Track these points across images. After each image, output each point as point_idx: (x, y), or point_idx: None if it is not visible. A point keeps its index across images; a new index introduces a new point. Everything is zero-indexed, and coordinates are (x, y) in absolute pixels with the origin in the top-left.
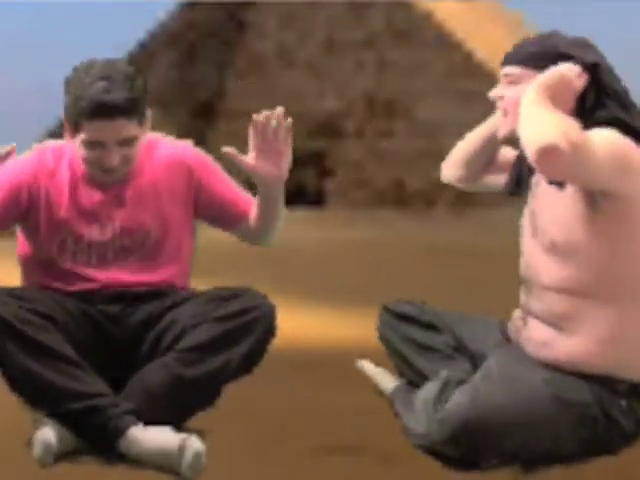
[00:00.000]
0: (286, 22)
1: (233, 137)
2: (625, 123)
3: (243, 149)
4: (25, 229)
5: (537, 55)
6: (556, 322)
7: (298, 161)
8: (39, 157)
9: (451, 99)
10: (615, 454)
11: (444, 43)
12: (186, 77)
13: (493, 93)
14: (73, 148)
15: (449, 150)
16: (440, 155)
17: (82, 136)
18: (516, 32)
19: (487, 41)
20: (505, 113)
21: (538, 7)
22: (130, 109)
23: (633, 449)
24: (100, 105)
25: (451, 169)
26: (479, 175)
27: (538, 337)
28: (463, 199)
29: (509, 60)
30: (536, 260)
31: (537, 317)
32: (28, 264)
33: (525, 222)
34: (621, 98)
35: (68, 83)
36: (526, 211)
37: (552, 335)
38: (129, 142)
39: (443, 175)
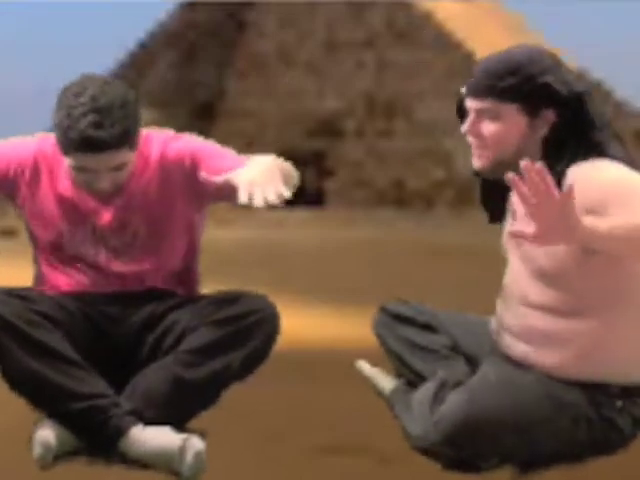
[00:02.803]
0: (286, 22)
1: (233, 137)
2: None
3: (243, 149)
4: (27, 218)
5: (515, 88)
6: (531, 338)
7: (298, 161)
8: (41, 142)
9: (451, 99)
10: (614, 454)
11: (444, 43)
12: (186, 77)
13: (467, 129)
14: None
15: (449, 150)
16: (440, 155)
17: (70, 161)
18: (516, 32)
19: (487, 41)
20: (482, 147)
21: (538, 7)
22: (121, 142)
23: (633, 449)
24: (90, 141)
25: None
26: None
27: (514, 353)
28: (463, 199)
29: (481, 94)
30: (522, 280)
31: (511, 332)
32: (38, 258)
33: (510, 245)
34: (602, 124)
35: (59, 105)
36: (507, 228)
37: (528, 352)
38: (119, 168)
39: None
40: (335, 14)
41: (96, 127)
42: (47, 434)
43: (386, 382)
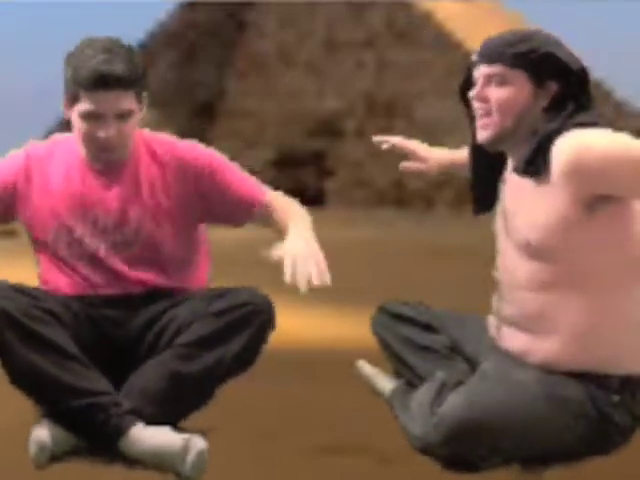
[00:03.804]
0: (286, 22)
1: (233, 137)
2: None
3: (243, 149)
4: (24, 221)
5: (525, 55)
6: (529, 326)
7: (298, 161)
8: (29, 149)
9: (451, 99)
10: (613, 450)
11: (444, 43)
12: (186, 77)
13: (475, 93)
14: (69, 140)
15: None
16: None
17: (80, 107)
18: None
19: None
20: (487, 114)
21: (538, 7)
22: (129, 81)
23: (632, 448)
24: (99, 75)
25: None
26: None
27: (515, 346)
28: (463, 199)
29: (491, 59)
30: (509, 259)
31: (510, 323)
32: (39, 260)
33: (498, 222)
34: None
35: (70, 56)
36: (498, 211)
37: (528, 341)
38: (126, 115)
39: None
40: (335, 14)
41: (106, 63)
42: (42, 434)
43: (386, 382)
